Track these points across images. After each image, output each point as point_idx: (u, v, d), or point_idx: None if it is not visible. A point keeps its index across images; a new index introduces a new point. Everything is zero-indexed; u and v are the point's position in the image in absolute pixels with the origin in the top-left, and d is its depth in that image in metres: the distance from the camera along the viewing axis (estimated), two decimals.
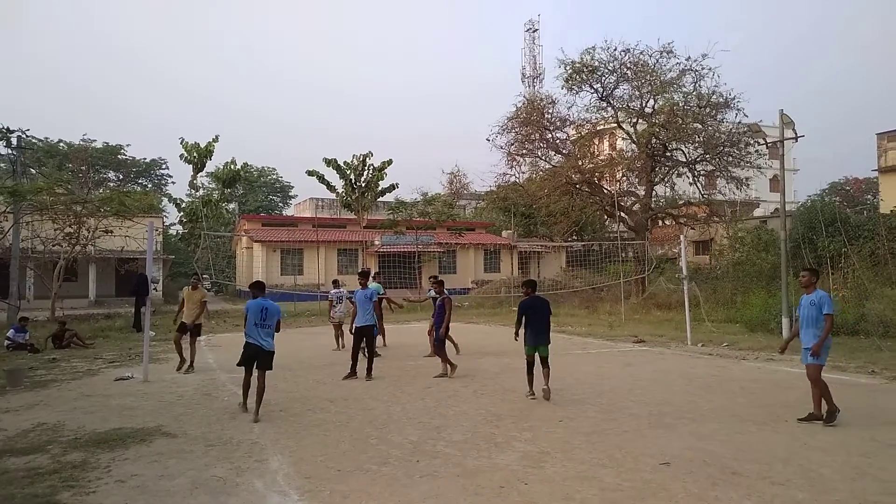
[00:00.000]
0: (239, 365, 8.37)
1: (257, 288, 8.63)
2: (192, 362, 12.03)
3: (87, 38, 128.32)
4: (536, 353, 9.08)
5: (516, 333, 9.29)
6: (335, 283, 15.94)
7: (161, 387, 10.32)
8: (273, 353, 8.39)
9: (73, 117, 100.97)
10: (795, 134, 15.78)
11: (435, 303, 11.97)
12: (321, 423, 7.70)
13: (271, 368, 8.38)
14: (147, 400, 9.24)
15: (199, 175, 32.22)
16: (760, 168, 28.38)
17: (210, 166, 34.02)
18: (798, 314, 7.79)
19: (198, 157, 30.47)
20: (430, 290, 13.35)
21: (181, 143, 30.43)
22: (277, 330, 8.49)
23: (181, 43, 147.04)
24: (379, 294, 14.26)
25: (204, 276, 32.09)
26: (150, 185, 60.22)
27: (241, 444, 6.76)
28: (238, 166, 35.18)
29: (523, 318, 9.11)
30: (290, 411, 8.34)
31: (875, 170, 35.16)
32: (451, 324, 11.73)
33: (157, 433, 7.20)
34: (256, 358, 8.22)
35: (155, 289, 35.48)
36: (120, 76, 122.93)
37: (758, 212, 44.77)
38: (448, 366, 11.02)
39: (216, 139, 30.69)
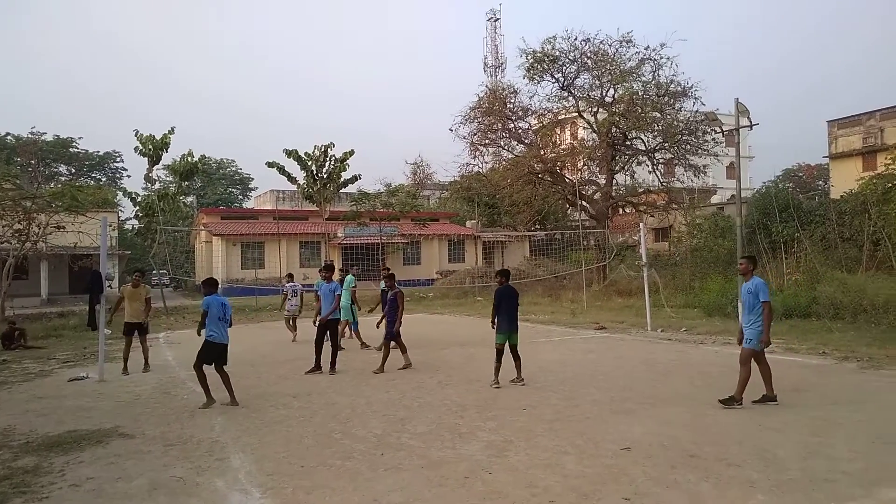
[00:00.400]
0: (205, 364, 8.36)
1: (212, 285, 8.79)
2: (146, 361, 11.75)
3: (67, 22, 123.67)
4: (507, 342, 9.26)
5: (493, 321, 9.53)
6: (289, 277, 16.39)
7: (118, 386, 10.07)
8: (226, 345, 8.63)
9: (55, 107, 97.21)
10: (750, 122, 16.10)
11: (386, 297, 11.86)
12: (284, 418, 7.62)
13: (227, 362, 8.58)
14: (103, 400, 9.00)
15: (154, 168, 31.32)
16: (717, 156, 29.02)
17: (166, 159, 33.15)
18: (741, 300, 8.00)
19: (153, 149, 29.59)
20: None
21: (136, 136, 29.54)
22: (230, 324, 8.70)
23: (142, 26, 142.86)
24: (351, 286, 14.32)
25: (162, 271, 31.45)
26: (103, 179, 58.57)
27: (202, 442, 6.64)
28: (195, 158, 34.32)
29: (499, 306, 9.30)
30: (252, 407, 8.22)
31: (826, 156, 36.31)
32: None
33: (114, 434, 7.02)
34: (221, 354, 8.40)
35: (110, 286, 34.58)
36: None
37: (715, 199, 45.70)
38: (405, 357, 11.08)
39: (172, 131, 29.84)
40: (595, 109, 28.97)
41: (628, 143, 29.01)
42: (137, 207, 31.59)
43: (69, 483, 5.47)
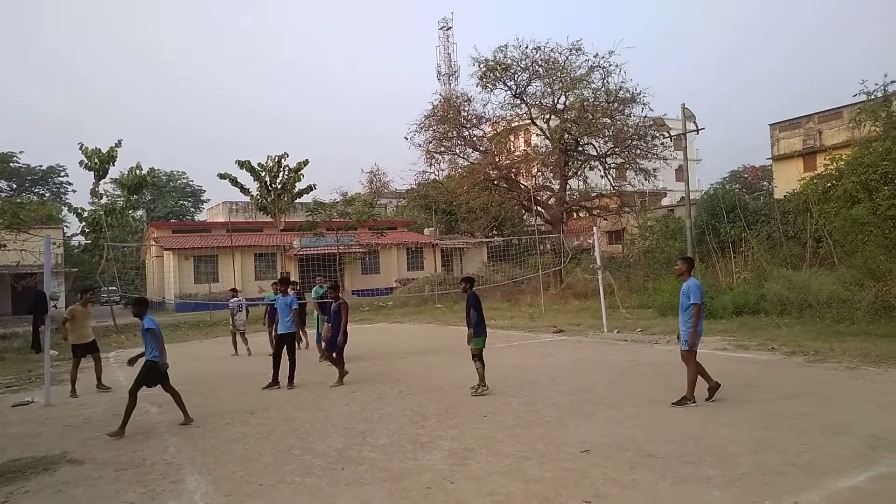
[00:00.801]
0: (147, 386, 8.11)
1: (144, 304, 8.55)
2: (99, 379, 11.36)
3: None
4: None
5: (473, 327, 9.29)
6: (233, 292, 16.26)
7: (66, 410, 9.70)
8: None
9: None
10: (696, 126, 16.63)
11: (329, 308, 11.60)
12: (241, 436, 7.45)
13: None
14: (50, 425, 8.66)
15: (101, 182, 30.41)
16: (666, 159, 29.72)
17: (114, 172, 32.24)
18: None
19: (99, 162, 28.72)
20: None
21: (81, 149, 28.62)
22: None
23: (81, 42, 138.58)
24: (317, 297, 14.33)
25: (111, 288, 30.44)
26: (47, 195, 56.56)
27: (155, 465, 6.45)
28: (144, 171, 33.47)
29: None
30: (207, 426, 8.02)
31: (769, 158, 37.56)
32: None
33: (62, 461, 6.76)
34: (164, 374, 8.20)
35: (55, 305, 33.37)
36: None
37: (665, 201, 46.90)
38: (341, 373, 10.53)
39: (119, 144, 29.01)
40: (547, 116, 29.38)
41: (580, 148, 29.49)
42: (84, 223, 30.58)
43: None
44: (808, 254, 18.67)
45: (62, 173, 58.55)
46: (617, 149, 28.65)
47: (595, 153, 29.38)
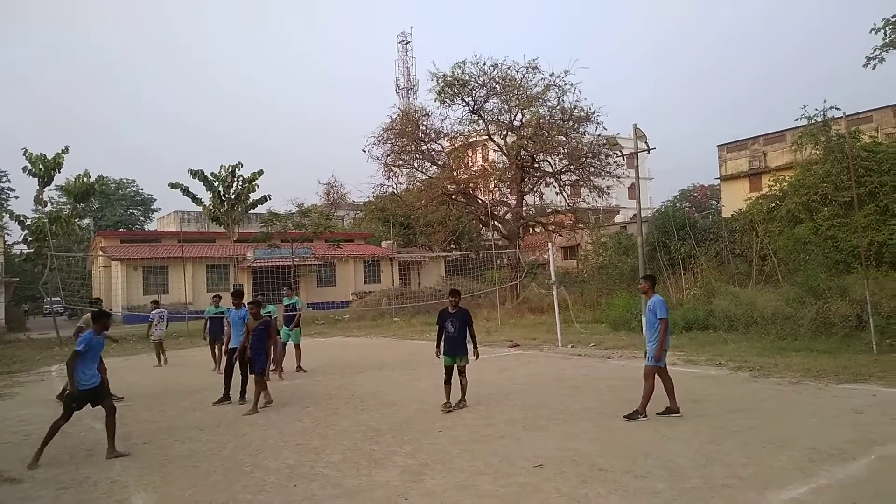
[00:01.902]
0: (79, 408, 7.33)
1: (94, 317, 7.84)
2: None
3: None
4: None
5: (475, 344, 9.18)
6: (154, 304, 16.46)
7: (4, 427, 9.29)
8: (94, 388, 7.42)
9: None
10: (648, 146, 17.01)
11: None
12: (190, 453, 7.26)
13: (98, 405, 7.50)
14: None
15: (46, 189, 29.36)
16: (619, 177, 30.45)
17: (59, 179, 31.18)
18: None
19: (45, 169, 27.75)
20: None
21: (25, 155, 27.60)
22: (68, 363, 7.32)
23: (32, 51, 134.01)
24: (297, 307, 14.10)
25: (55, 299, 29.33)
26: None
27: (99, 483, 6.23)
28: (92, 179, 32.47)
29: None
30: (155, 443, 7.78)
31: (717, 178, 38.82)
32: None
33: None
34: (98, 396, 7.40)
35: None
36: None
37: (618, 218, 47.92)
38: (257, 396, 9.62)
39: (66, 150, 28.12)
40: (504, 133, 29.78)
41: (536, 165, 29.96)
42: (26, 231, 29.47)
43: None
44: (754, 271, 19.31)
45: (3, 179, 56.26)
46: (571, 166, 29.23)
47: (550, 170, 29.90)
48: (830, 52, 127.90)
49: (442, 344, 9.02)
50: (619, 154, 28.79)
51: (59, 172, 28.48)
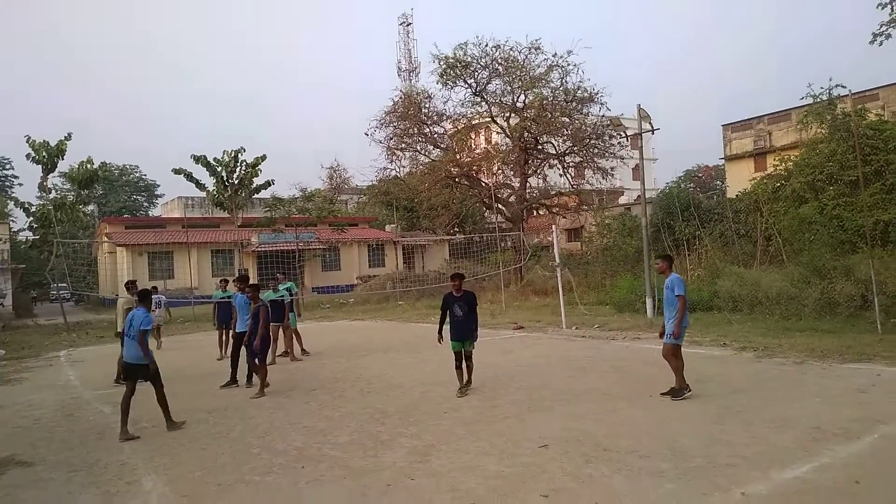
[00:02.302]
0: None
1: (140, 297, 8.17)
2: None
3: None
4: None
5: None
6: (153, 290, 16.42)
7: (14, 411, 9.39)
8: (140, 365, 7.64)
9: None
10: (652, 127, 16.96)
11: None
12: (199, 436, 7.34)
13: (147, 381, 7.69)
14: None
15: (50, 176, 29.48)
16: (623, 158, 30.32)
17: (63, 166, 31.28)
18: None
19: (48, 156, 27.83)
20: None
21: (28, 142, 27.67)
22: (141, 342, 7.55)
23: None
24: (292, 293, 13.93)
25: (61, 285, 29.52)
26: None
27: (110, 466, 6.31)
28: (95, 165, 32.56)
29: None
30: (163, 426, 7.85)
31: (722, 158, 38.63)
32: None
33: (10, 463, 6.56)
34: (130, 372, 7.79)
35: (1, 303, 32.19)
36: None
37: (622, 199, 47.70)
38: (263, 383, 9.68)
39: (69, 137, 28.20)
40: (507, 115, 29.62)
41: (540, 147, 29.84)
42: (31, 218, 29.66)
43: None
44: (759, 252, 19.28)
45: (7, 166, 56.40)
46: (575, 147, 29.10)
47: (554, 152, 29.78)
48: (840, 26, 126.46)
49: (449, 329, 8.93)
50: (624, 135, 28.67)
51: (63, 159, 28.62)
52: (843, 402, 7.28)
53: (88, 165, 32.11)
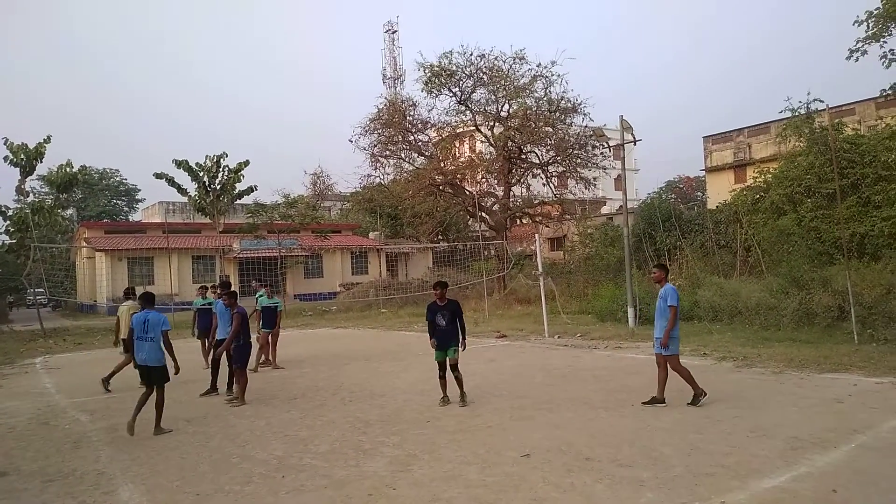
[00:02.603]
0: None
1: (145, 300, 8.29)
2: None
3: None
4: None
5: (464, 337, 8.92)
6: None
7: None
8: (160, 367, 7.90)
9: None
10: (633, 137, 17.11)
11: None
12: (177, 445, 7.25)
13: (166, 382, 8.03)
14: None
15: (27, 179, 29.01)
16: (605, 169, 30.53)
17: (41, 169, 30.81)
18: None
19: (26, 159, 27.41)
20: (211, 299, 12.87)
21: (5, 144, 27.23)
22: (167, 343, 7.96)
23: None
24: (279, 308, 13.52)
25: (38, 290, 29.03)
26: None
27: (86, 475, 6.21)
28: (75, 169, 32.14)
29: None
30: (141, 435, 7.75)
31: (703, 169, 39.08)
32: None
33: None
34: (151, 375, 7.88)
35: None
36: None
37: (604, 209, 48.10)
38: (242, 389, 9.57)
39: (48, 139, 27.76)
40: (492, 123, 29.72)
41: (523, 156, 29.96)
42: (8, 222, 29.15)
43: None
44: (739, 262, 19.52)
45: None
46: (558, 157, 29.25)
47: (538, 161, 29.91)
48: (814, 39, 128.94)
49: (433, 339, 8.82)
50: (606, 145, 28.90)
51: (41, 162, 28.13)
52: (821, 411, 7.38)
53: (67, 168, 31.66)
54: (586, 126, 28.53)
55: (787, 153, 20.91)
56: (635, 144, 17.84)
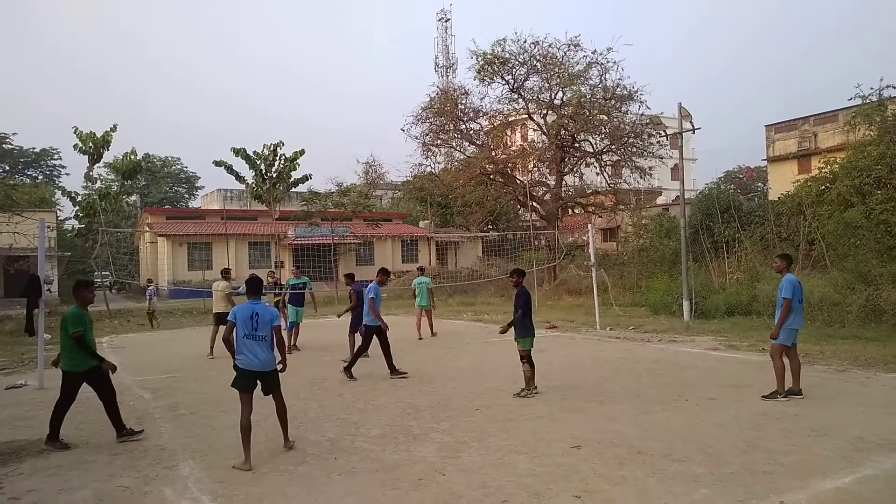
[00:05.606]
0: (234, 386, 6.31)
1: (251, 288, 6.41)
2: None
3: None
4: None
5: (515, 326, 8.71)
6: (149, 281, 20.39)
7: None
8: (275, 371, 6.35)
9: None
10: (692, 126, 16.62)
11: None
12: (234, 424, 7.39)
13: (279, 384, 6.47)
14: (43, 409, 8.62)
15: (95, 166, 30.30)
16: (662, 158, 29.83)
17: (108, 156, 32.13)
18: None
19: (94, 147, 28.61)
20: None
21: (75, 133, 28.48)
22: (279, 341, 6.38)
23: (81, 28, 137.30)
24: (309, 288, 14.28)
25: (104, 273, 30.35)
26: (40, 177, 56.15)
27: (149, 450, 6.49)
28: (139, 156, 33.36)
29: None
30: (200, 414, 8.05)
31: (764, 159, 37.68)
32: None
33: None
34: (260, 382, 6.27)
35: (49, 289, 33.23)
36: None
37: (660, 200, 47.04)
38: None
39: (114, 128, 28.92)
40: (544, 112, 29.37)
41: (577, 145, 29.53)
42: (77, 207, 30.51)
43: (8, 496, 5.27)
44: (801, 256, 18.78)
45: (55, 156, 58.10)
46: (613, 146, 28.71)
47: (591, 150, 29.44)
48: (885, 23, 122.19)
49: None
50: (663, 134, 28.18)
51: (108, 150, 29.33)
52: (888, 412, 7.06)
53: (132, 156, 32.88)
54: (642, 114, 27.87)
55: (856, 142, 19.94)
56: (694, 133, 17.32)
